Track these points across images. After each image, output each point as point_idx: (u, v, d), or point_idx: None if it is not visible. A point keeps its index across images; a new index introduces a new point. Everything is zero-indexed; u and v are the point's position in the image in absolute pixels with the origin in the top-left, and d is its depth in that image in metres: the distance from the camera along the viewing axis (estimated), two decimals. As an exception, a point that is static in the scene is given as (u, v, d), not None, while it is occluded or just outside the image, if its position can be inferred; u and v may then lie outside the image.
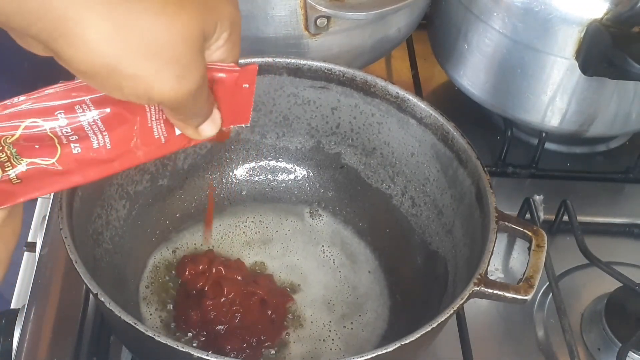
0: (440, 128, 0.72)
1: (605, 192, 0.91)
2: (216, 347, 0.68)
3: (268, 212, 0.81)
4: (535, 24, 0.80)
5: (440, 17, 0.93)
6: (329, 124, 0.80)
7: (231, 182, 0.82)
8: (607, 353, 0.73)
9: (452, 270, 0.70)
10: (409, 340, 0.56)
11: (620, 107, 0.85)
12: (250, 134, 0.81)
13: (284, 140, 0.81)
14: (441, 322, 0.57)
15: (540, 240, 0.65)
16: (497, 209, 0.65)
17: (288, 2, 0.77)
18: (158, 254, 0.76)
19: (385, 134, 0.77)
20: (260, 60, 0.76)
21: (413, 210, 0.77)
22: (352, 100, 0.77)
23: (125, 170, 0.73)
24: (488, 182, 0.67)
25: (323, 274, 0.76)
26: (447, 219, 0.73)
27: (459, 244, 0.70)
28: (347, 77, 0.76)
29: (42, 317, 0.70)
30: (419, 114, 0.74)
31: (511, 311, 0.77)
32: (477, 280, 0.60)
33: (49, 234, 0.77)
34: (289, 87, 0.77)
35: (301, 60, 0.76)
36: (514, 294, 0.61)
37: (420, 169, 0.76)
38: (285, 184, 0.83)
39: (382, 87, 0.75)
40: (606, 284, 0.76)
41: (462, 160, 0.70)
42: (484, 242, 0.63)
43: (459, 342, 0.72)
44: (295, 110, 0.79)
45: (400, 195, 0.78)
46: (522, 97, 0.86)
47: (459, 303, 0.58)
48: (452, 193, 0.72)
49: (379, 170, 0.79)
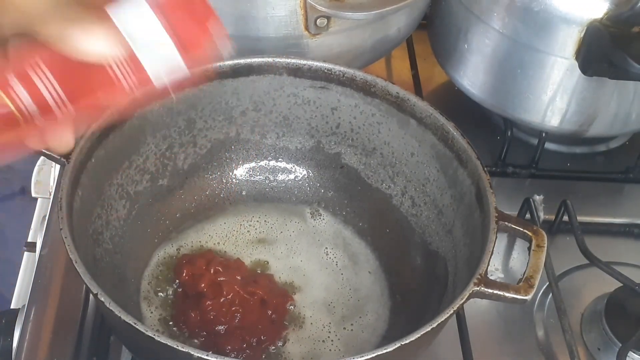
0: (440, 128, 0.72)
1: (605, 192, 0.91)
2: (216, 347, 0.68)
3: (271, 212, 0.81)
4: (535, 24, 0.80)
5: (440, 17, 0.93)
6: (329, 124, 0.80)
7: (231, 182, 0.82)
8: (607, 353, 0.73)
9: (452, 270, 0.70)
10: (409, 340, 0.56)
11: (620, 107, 0.85)
12: (251, 134, 0.81)
13: (284, 140, 0.81)
14: (441, 322, 0.57)
15: (540, 240, 0.65)
16: (497, 209, 0.65)
17: (288, 2, 0.77)
18: (158, 253, 0.76)
19: (385, 134, 0.77)
20: (260, 60, 0.76)
21: (413, 210, 0.77)
22: (352, 100, 0.77)
23: (125, 171, 0.73)
24: (488, 182, 0.67)
25: (325, 276, 0.76)
26: (447, 219, 0.73)
27: (459, 244, 0.70)
28: (347, 77, 0.76)
29: (42, 317, 0.70)
30: (419, 114, 0.74)
31: (511, 311, 0.77)
32: (477, 280, 0.60)
33: (49, 234, 0.77)
34: (289, 87, 0.77)
35: (301, 60, 0.76)
36: (514, 294, 0.61)
37: (420, 169, 0.76)
38: (285, 184, 0.83)
39: (382, 87, 0.75)
40: (606, 284, 0.76)
41: (462, 160, 0.70)
42: (484, 242, 0.63)
43: (459, 342, 0.72)
44: (295, 110, 0.79)
45: (400, 195, 0.78)
46: (522, 97, 0.86)
47: (459, 303, 0.58)
48: (452, 193, 0.72)
49: (379, 170, 0.79)
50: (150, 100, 0.72)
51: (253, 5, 0.78)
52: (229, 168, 0.82)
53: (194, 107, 0.76)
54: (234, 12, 0.78)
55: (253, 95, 0.78)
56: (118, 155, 0.72)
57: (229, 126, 0.79)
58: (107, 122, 0.69)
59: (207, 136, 0.79)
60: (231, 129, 0.80)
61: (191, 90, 0.75)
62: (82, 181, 0.65)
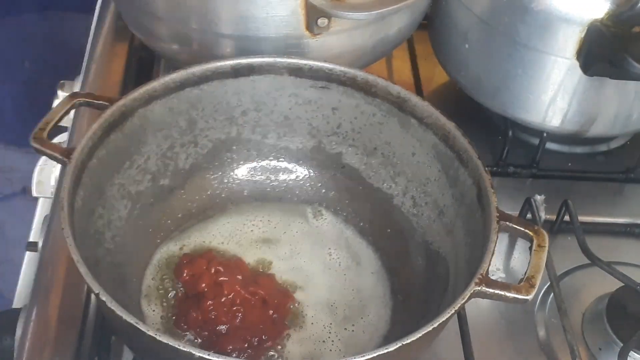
0: (441, 128, 0.72)
1: (606, 192, 0.91)
2: (218, 347, 0.68)
3: (274, 212, 0.81)
4: (536, 24, 0.80)
5: (440, 17, 0.93)
6: (330, 124, 0.80)
7: (233, 181, 0.82)
8: (609, 353, 0.73)
9: (453, 270, 0.70)
10: (410, 340, 0.56)
11: (621, 107, 0.85)
12: (252, 134, 0.81)
13: (285, 140, 0.81)
14: (442, 321, 0.57)
15: (541, 240, 0.65)
16: (499, 209, 0.65)
17: (288, 2, 0.77)
18: (160, 253, 0.76)
19: (386, 134, 0.77)
20: (261, 60, 0.76)
21: (414, 210, 0.77)
22: (353, 100, 0.77)
23: (127, 171, 0.73)
24: (489, 182, 0.67)
25: (329, 277, 0.76)
26: (449, 219, 0.73)
27: (460, 243, 0.70)
28: (348, 77, 0.76)
29: (44, 316, 0.70)
30: (420, 114, 0.74)
31: (512, 311, 0.77)
32: (478, 280, 0.60)
33: (50, 234, 0.77)
34: (290, 87, 0.77)
35: (302, 60, 0.76)
36: (516, 294, 0.61)
37: (421, 169, 0.76)
38: (286, 183, 0.83)
39: (383, 87, 0.75)
40: (607, 283, 0.76)
41: (463, 160, 0.70)
42: (485, 242, 0.63)
43: (460, 342, 0.72)
44: (297, 110, 0.79)
45: (401, 195, 0.78)
46: (523, 97, 0.86)
47: (460, 303, 0.58)
48: (453, 193, 0.72)
49: (380, 170, 0.79)
50: (151, 100, 0.73)
51: (253, 5, 0.78)
52: (230, 168, 0.82)
53: (195, 107, 0.76)
54: (234, 12, 0.78)
55: (254, 95, 0.78)
56: (119, 155, 0.72)
57: (230, 126, 0.79)
58: (108, 122, 0.69)
59: (208, 136, 0.79)
60: (232, 129, 0.80)
61: (192, 90, 0.75)
62: (84, 181, 0.66)
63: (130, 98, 0.71)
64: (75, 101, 0.72)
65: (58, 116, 0.70)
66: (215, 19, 0.79)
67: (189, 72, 0.74)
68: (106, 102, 0.71)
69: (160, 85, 0.73)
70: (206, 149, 0.79)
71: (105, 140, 0.69)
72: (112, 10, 1.03)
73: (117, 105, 0.70)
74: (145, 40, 0.89)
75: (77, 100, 0.72)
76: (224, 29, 0.80)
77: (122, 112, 0.71)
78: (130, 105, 0.71)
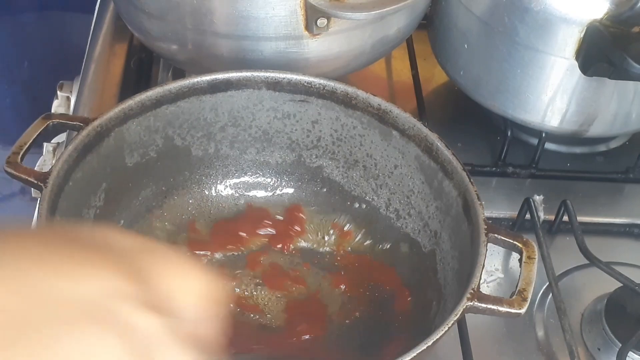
0: (424, 139, 0.71)
1: (606, 192, 0.91)
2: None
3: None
4: (535, 24, 0.80)
5: (440, 17, 0.93)
6: (309, 138, 0.79)
7: (212, 198, 0.80)
8: (607, 353, 0.73)
9: (442, 283, 0.70)
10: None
11: (620, 107, 0.85)
12: (230, 149, 0.79)
13: (265, 155, 0.80)
14: (436, 339, 0.57)
15: (530, 251, 0.64)
16: (486, 221, 0.64)
17: (288, 2, 0.77)
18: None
19: (367, 146, 0.77)
20: (238, 74, 0.75)
21: (398, 223, 0.77)
22: (333, 113, 0.76)
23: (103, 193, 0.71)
24: (475, 194, 0.66)
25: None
26: (434, 231, 0.72)
27: (447, 256, 0.70)
28: (327, 90, 0.75)
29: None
30: (402, 126, 0.73)
31: (511, 311, 0.77)
32: (470, 295, 0.59)
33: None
34: (269, 102, 0.76)
35: (280, 74, 0.75)
36: (508, 308, 0.60)
37: (404, 180, 0.75)
38: (266, 199, 0.81)
39: (363, 99, 0.74)
40: (606, 284, 0.76)
41: (447, 172, 0.70)
42: (474, 255, 0.62)
43: (458, 342, 0.72)
44: (275, 125, 0.78)
45: (384, 207, 0.78)
46: (522, 97, 0.86)
47: (453, 320, 0.58)
48: (437, 205, 0.71)
49: (362, 182, 0.79)
50: (127, 119, 0.71)
51: (253, 5, 0.77)
52: (209, 185, 0.80)
53: (172, 124, 0.75)
54: (234, 12, 0.78)
55: (232, 111, 0.77)
56: (95, 176, 0.70)
57: (207, 142, 0.78)
58: (83, 143, 0.68)
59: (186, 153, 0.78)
60: (210, 146, 0.78)
61: (169, 107, 0.74)
62: (60, 206, 0.64)
63: (106, 118, 0.70)
64: (49, 122, 0.70)
65: (31, 139, 0.68)
66: (214, 19, 0.79)
67: (165, 89, 0.73)
68: (80, 122, 0.69)
69: (136, 104, 0.71)
70: (184, 167, 0.78)
71: (81, 162, 0.67)
72: (111, 11, 1.03)
73: (92, 125, 0.68)
74: (144, 41, 0.89)
75: (51, 121, 0.70)
76: (223, 29, 0.79)
77: (98, 133, 0.69)
78: (105, 125, 0.70)
